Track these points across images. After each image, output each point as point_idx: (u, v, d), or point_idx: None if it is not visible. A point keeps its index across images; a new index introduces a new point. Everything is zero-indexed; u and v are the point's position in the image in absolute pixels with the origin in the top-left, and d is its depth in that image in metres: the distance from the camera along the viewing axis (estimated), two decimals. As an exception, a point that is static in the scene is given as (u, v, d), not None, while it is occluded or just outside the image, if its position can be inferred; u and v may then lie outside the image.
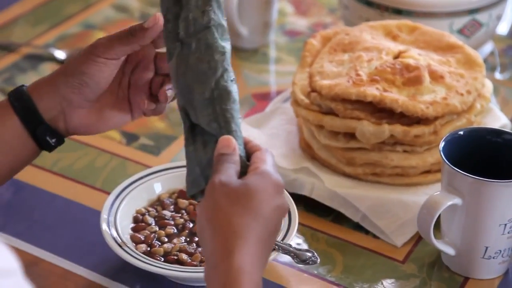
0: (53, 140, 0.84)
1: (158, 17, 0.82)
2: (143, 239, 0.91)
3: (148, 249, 0.90)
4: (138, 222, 0.94)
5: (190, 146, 0.82)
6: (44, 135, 0.84)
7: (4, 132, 0.83)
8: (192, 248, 0.90)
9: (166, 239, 0.92)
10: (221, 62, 0.82)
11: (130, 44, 0.83)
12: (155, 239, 0.91)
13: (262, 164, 0.76)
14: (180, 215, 0.95)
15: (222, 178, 0.74)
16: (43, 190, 1.02)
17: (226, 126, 0.80)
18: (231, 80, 0.82)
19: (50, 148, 0.85)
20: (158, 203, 0.96)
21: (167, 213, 0.95)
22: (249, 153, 0.78)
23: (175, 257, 0.89)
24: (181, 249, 0.90)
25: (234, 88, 0.82)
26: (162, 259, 0.89)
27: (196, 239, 0.92)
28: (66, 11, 1.35)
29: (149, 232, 0.92)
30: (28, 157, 0.85)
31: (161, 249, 0.90)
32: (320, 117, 0.99)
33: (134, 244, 0.90)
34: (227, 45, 0.83)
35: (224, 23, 0.84)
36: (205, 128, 0.81)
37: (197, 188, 0.80)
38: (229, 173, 0.74)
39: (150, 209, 0.95)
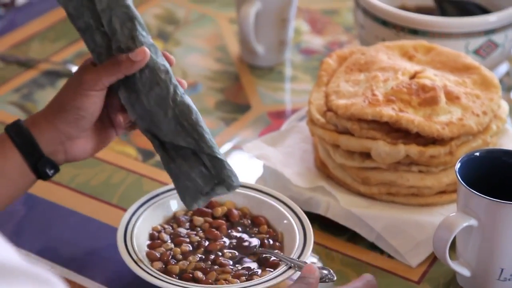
0: (51, 171, 0.89)
1: (146, 52, 0.87)
2: (158, 256, 0.91)
3: (164, 266, 0.91)
4: (154, 239, 0.94)
5: (171, 164, 0.89)
6: (44, 167, 0.89)
7: (5, 165, 0.88)
8: (207, 265, 0.91)
9: (181, 257, 0.92)
10: (169, 80, 0.89)
11: (117, 75, 0.88)
12: (170, 256, 0.92)
13: None
14: (195, 232, 0.95)
15: None
16: (60, 206, 1.03)
17: (200, 138, 0.88)
18: (183, 93, 0.89)
19: (47, 178, 0.90)
20: (174, 220, 0.97)
21: (182, 231, 0.95)
22: None
23: (191, 275, 0.89)
24: (196, 267, 0.90)
25: (189, 100, 0.89)
26: (177, 277, 0.89)
27: (212, 256, 0.92)
28: (84, 27, 1.36)
29: (164, 250, 0.92)
30: (26, 187, 0.90)
31: (177, 266, 0.90)
32: (335, 137, 1.00)
33: (150, 262, 0.91)
34: (165, 62, 0.89)
35: (152, 41, 0.89)
36: (180, 144, 0.88)
37: (197, 204, 0.89)
38: None
39: (166, 226, 0.96)
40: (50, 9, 1.40)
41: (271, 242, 0.94)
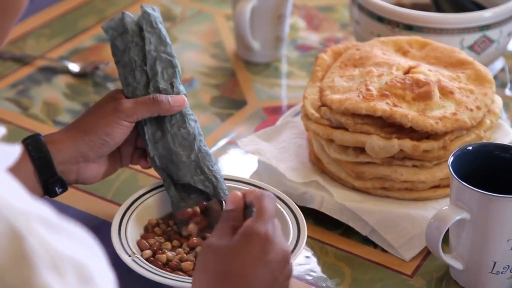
0: (60, 190, 0.92)
1: (185, 100, 0.94)
2: (148, 246, 0.92)
3: (152, 255, 0.91)
4: (148, 232, 0.94)
5: (181, 203, 0.94)
6: (54, 186, 0.91)
7: (17, 176, 0.87)
8: (192, 256, 0.91)
9: (170, 249, 0.92)
10: (197, 129, 0.96)
11: (153, 112, 0.93)
12: (160, 246, 0.92)
13: (252, 221, 0.75)
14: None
15: (211, 239, 0.75)
16: (55, 201, 1.03)
17: (218, 184, 0.94)
18: (206, 145, 0.96)
19: (54, 196, 0.92)
20: (170, 216, 0.97)
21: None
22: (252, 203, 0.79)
23: (176, 263, 0.90)
24: (182, 258, 0.91)
25: (210, 151, 0.96)
26: (165, 265, 0.90)
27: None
28: (80, 24, 1.36)
29: (155, 241, 0.93)
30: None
31: (164, 255, 0.91)
32: (330, 131, 1.00)
33: (140, 251, 0.91)
34: (194, 113, 0.96)
35: (185, 91, 0.96)
36: (198, 186, 0.94)
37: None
38: (221, 232, 0.75)
39: (161, 221, 0.96)
40: (47, 6, 1.40)
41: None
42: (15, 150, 0.58)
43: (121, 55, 0.95)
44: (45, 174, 0.90)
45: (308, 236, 0.93)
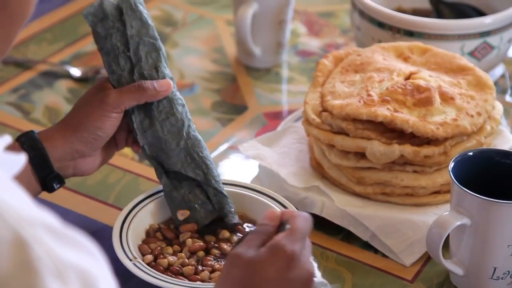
0: (58, 185, 0.92)
1: (170, 84, 0.93)
2: (149, 250, 0.92)
3: (154, 260, 0.91)
4: (150, 236, 0.95)
5: (174, 192, 0.94)
6: (52, 182, 0.91)
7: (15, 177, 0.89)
8: (195, 262, 0.91)
9: (172, 253, 0.92)
10: (185, 114, 0.94)
11: (139, 100, 0.92)
12: (161, 251, 0.92)
13: (281, 236, 0.74)
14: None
15: (239, 249, 0.74)
16: (56, 205, 1.03)
17: (209, 171, 0.93)
18: (195, 129, 0.94)
19: (52, 191, 0.92)
20: (171, 221, 0.97)
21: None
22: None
23: (178, 268, 0.90)
24: (184, 263, 0.91)
25: (200, 136, 0.94)
26: (166, 270, 0.90)
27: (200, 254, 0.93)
28: (82, 29, 1.37)
29: (156, 246, 0.93)
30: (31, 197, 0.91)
31: (166, 260, 0.91)
32: (331, 137, 1.00)
33: (142, 256, 0.91)
34: (181, 97, 0.95)
35: (171, 74, 0.95)
36: (188, 174, 0.93)
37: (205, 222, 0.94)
38: (250, 243, 0.74)
39: (162, 225, 0.96)
40: (48, 11, 1.41)
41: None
42: (21, 159, 0.58)
43: (103, 42, 0.93)
44: (42, 172, 0.90)
45: (308, 241, 0.93)
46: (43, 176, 0.91)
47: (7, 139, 0.59)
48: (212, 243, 0.93)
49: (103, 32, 0.93)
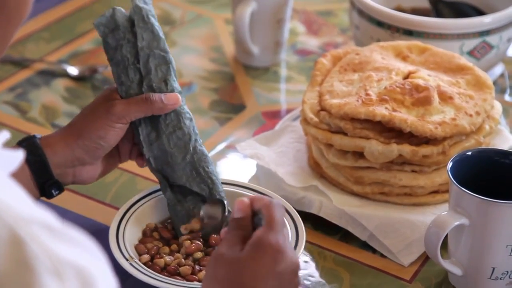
0: (56, 192, 0.91)
1: (178, 98, 0.92)
2: (146, 250, 0.92)
3: (151, 260, 0.91)
4: (146, 236, 0.94)
5: (178, 206, 0.93)
6: (51, 188, 0.91)
7: (13, 178, 0.88)
8: (192, 262, 0.91)
9: (168, 253, 0.92)
10: (192, 128, 0.94)
11: (146, 112, 0.91)
12: (158, 251, 0.92)
13: (262, 232, 0.74)
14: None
15: (221, 249, 0.74)
16: (53, 205, 1.03)
17: (214, 186, 0.93)
18: (202, 144, 0.94)
19: (50, 197, 0.92)
20: (169, 221, 0.97)
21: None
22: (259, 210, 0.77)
23: (174, 268, 0.89)
24: (181, 263, 0.90)
25: (206, 151, 0.94)
26: (163, 270, 0.90)
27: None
28: (79, 28, 1.36)
29: (153, 245, 0.93)
30: None
31: (162, 260, 0.90)
32: (329, 136, 1.00)
33: (138, 255, 0.91)
34: (189, 111, 0.94)
35: (180, 88, 0.94)
36: (194, 189, 0.92)
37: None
38: (231, 242, 0.74)
39: (159, 225, 0.96)
40: (46, 9, 1.40)
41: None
42: (18, 156, 0.58)
43: (113, 53, 0.93)
44: (41, 177, 0.90)
45: (306, 241, 0.93)
46: (42, 182, 0.90)
47: (5, 135, 0.59)
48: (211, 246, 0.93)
49: (113, 43, 0.93)
